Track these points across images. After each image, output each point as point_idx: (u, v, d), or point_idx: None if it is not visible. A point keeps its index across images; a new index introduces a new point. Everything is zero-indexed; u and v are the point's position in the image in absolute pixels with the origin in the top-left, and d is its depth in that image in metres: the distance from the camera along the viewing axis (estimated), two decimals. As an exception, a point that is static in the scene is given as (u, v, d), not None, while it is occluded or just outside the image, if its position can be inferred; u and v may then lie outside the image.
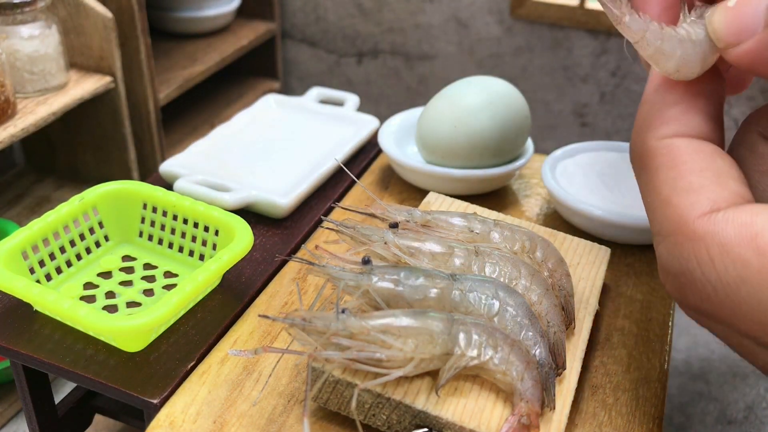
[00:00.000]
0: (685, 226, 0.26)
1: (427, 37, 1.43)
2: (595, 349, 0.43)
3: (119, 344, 0.41)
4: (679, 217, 0.26)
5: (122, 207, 0.50)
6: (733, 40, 0.27)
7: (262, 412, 0.37)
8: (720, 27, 0.27)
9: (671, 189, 0.27)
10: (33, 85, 0.91)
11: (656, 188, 0.27)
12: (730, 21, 0.27)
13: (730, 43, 0.27)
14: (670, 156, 0.27)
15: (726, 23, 0.27)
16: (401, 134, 0.59)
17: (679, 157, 0.27)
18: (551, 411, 0.34)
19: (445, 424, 0.33)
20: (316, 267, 0.36)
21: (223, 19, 1.37)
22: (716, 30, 0.27)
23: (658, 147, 0.28)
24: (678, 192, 0.26)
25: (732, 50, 0.27)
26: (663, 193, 0.27)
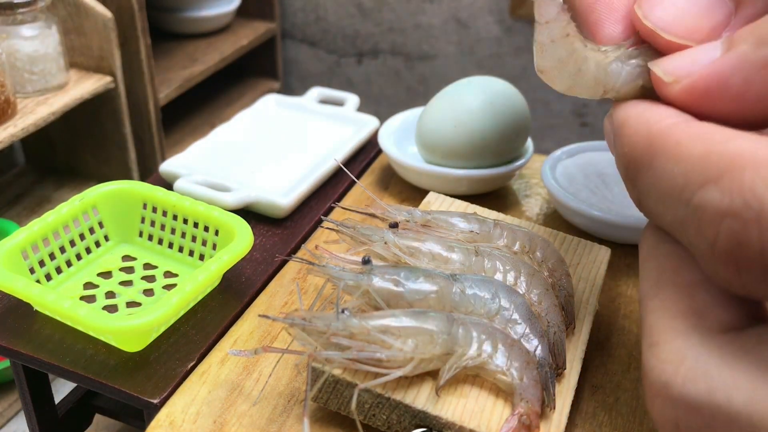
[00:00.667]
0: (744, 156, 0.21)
1: (427, 37, 1.44)
2: (595, 349, 0.43)
3: (119, 344, 0.41)
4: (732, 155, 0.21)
5: (122, 207, 0.50)
6: (683, 72, 0.24)
7: (262, 412, 0.37)
8: (667, 63, 0.24)
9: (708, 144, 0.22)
10: (33, 85, 0.91)
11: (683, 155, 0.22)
12: (680, 57, 0.24)
13: (680, 76, 0.23)
14: (694, 127, 0.23)
15: (676, 59, 0.24)
16: (401, 134, 0.59)
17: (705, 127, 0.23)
18: (551, 411, 0.34)
19: (445, 424, 0.33)
20: (316, 267, 0.36)
21: (223, 19, 1.37)
22: (663, 67, 0.24)
23: (674, 125, 0.23)
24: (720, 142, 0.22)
25: (681, 82, 0.23)
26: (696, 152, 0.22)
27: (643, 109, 0.25)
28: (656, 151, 0.23)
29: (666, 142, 0.22)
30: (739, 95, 0.22)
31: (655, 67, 0.25)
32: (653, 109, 0.24)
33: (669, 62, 0.24)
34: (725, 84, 0.22)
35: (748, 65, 0.22)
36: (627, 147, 0.24)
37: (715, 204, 0.20)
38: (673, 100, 0.24)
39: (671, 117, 0.23)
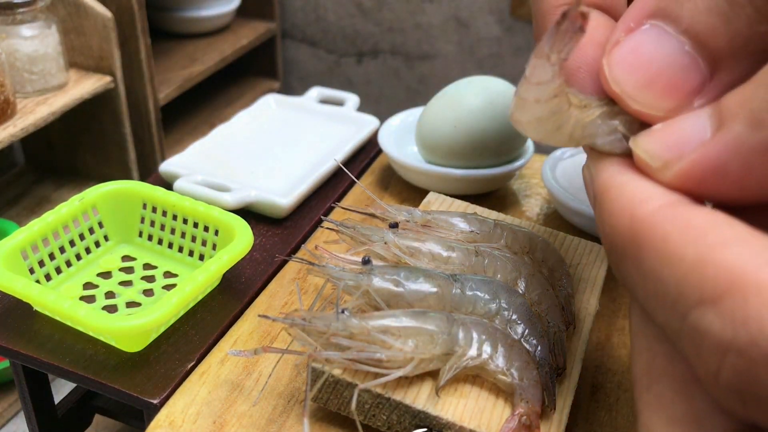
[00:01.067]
0: (746, 277, 0.18)
1: (427, 36, 1.44)
2: (595, 349, 0.43)
3: (119, 344, 0.41)
4: (732, 271, 0.18)
5: (122, 207, 0.50)
6: (674, 155, 0.21)
7: (262, 413, 0.37)
8: (652, 145, 0.22)
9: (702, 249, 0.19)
10: (33, 85, 0.91)
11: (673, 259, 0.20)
12: (664, 137, 0.21)
13: (669, 160, 0.21)
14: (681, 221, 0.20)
15: (660, 140, 0.22)
16: (401, 134, 0.59)
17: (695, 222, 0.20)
18: (551, 411, 0.34)
19: (445, 424, 0.33)
20: (316, 267, 0.36)
21: (222, 18, 1.37)
22: (648, 149, 0.22)
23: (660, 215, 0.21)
24: (715, 248, 0.19)
25: (672, 168, 0.21)
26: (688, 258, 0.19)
27: (625, 182, 0.22)
28: (641, 244, 0.20)
29: (652, 235, 0.20)
30: (739, 182, 0.20)
31: (637, 148, 0.22)
32: (636, 185, 0.22)
33: (653, 143, 0.22)
34: (722, 171, 0.20)
35: (745, 150, 0.19)
36: (608, 228, 0.22)
37: (716, 333, 0.18)
38: (664, 185, 0.21)
39: (656, 198, 0.21)
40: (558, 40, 0.23)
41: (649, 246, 0.20)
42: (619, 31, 0.23)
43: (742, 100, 0.20)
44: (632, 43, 0.23)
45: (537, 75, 0.24)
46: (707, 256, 0.19)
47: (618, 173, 0.23)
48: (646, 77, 0.22)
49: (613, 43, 0.23)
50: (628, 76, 0.23)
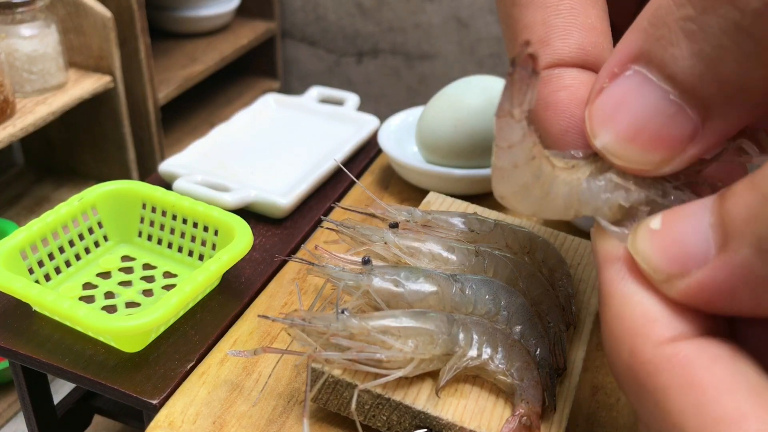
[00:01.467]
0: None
1: (427, 36, 1.43)
2: (596, 350, 0.43)
3: (118, 345, 0.41)
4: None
5: (121, 207, 0.50)
6: (676, 270, 0.20)
7: (261, 413, 0.37)
8: (653, 256, 0.20)
9: (698, 421, 0.18)
10: (32, 85, 0.91)
11: (671, 417, 0.19)
12: (665, 247, 0.20)
13: (673, 275, 0.20)
14: (680, 371, 0.19)
15: (660, 250, 0.20)
16: (401, 134, 0.59)
17: (695, 372, 0.19)
18: (552, 412, 0.34)
19: (445, 424, 0.33)
20: (315, 267, 0.36)
21: (222, 18, 1.37)
22: (649, 259, 0.20)
23: (659, 359, 0.19)
24: (710, 424, 0.18)
25: (676, 285, 0.20)
26: (686, 426, 0.18)
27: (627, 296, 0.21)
28: (641, 388, 0.19)
29: (651, 384, 0.19)
30: (749, 304, 0.19)
31: (636, 255, 0.21)
32: (638, 305, 0.20)
33: (654, 253, 0.20)
34: (730, 294, 0.19)
35: (754, 278, 0.18)
36: (608, 348, 0.21)
37: None
38: (669, 299, 0.20)
39: (662, 329, 0.20)
40: (516, 91, 0.21)
41: (648, 393, 0.19)
42: (603, 77, 0.22)
43: (748, 218, 0.18)
44: (614, 91, 0.21)
45: (506, 137, 0.22)
46: (707, 417, 0.18)
47: (622, 280, 0.21)
48: (629, 130, 0.21)
49: (597, 90, 0.22)
50: (609, 129, 0.21)
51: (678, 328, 0.20)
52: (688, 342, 0.19)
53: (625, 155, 0.21)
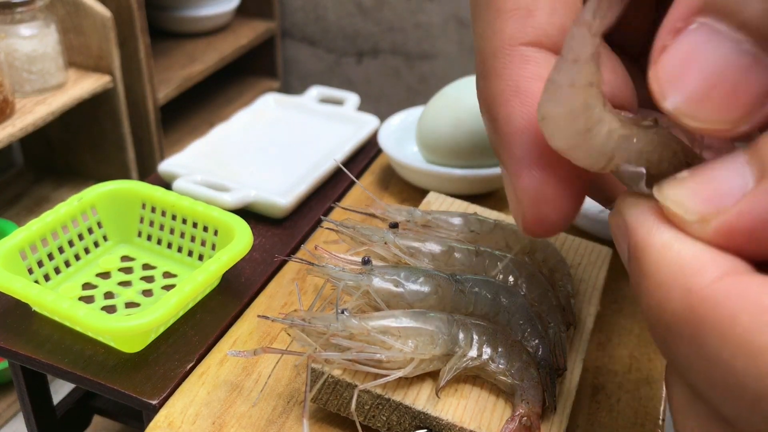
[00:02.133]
0: None
1: (427, 36, 1.43)
2: (596, 350, 0.43)
3: (118, 345, 0.41)
4: None
5: (121, 207, 0.50)
6: (712, 208, 0.19)
7: (261, 413, 0.37)
8: (685, 198, 0.19)
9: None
10: (31, 85, 0.90)
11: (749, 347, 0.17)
12: (697, 188, 0.19)
13: (708, 213, 0.19)
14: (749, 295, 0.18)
15: (693, 191, 0.19)
16: (401, 134, 0.59)
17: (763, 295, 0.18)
18: (552, 412, 0.34)
19: (445, 425, 0.33)
20: (315, 267, 0.36)
21: (222, 18, 1.37)
22: (680, 201, 0.19)
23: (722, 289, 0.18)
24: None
25: (712, 223, 0.19)
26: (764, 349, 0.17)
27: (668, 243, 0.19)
28: (701, 324, 0.18)
29: (717, 315, 0.18)
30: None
31: (665, 199, 0.20)
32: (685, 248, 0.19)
33: (685, 194, 0.19)
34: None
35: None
36: (654, 301, 0.19)
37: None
38: (704, 241, 0.19)
39: (713, 266, 0.18)
40: (603, 2, 0.20)
41: (713, 328, 0.18)
42: (665, 34, 0.20)
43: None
44: (680, 48, 0.20)
45: (575, 49, 0.21)
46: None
47: (658, 231, 0.20)
48: (702, 88, 0.19)
49: (659, 49, 0.20)
50: (679, 89, 0.20)
51: (728, 265, 0.19)
52: (744, 275, 0.18)
53: (699, 115, 0.20)
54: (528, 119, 0.22)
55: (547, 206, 0.22)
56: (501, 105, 0.23)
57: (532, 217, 0.22)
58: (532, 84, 0.22)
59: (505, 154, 0.23)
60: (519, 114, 0.22)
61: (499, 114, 0.23)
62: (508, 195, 0.23)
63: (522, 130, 0.22)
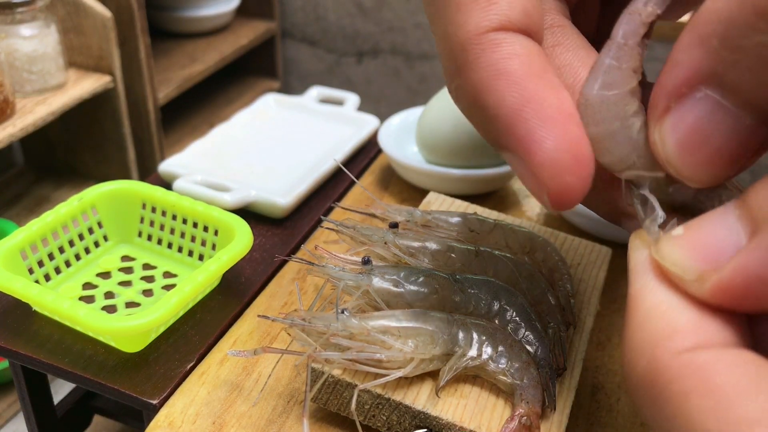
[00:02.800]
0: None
1: (427, 36, 1.43)
2: (596, 350, 0.43)
3: (118, 345, 0.41)
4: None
5: (121, 207, 0.50)
6: (709, 265, 0.19)
7: (261, 413, 0.37)
8: (682, 257, 0.20)
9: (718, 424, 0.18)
10: (32, 85, 0.91)
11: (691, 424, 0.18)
12: (693, 247, 0.20)
13: (705, 271, 0.19)
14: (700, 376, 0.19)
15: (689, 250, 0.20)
16: (401, 134, 0.59)
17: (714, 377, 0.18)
18: (552, 412, 0.34)
19: (445, 424, 0.33)
20: (315, 267, 0.36)
21: (222, 18, 1.37)
22: (679, 261, 0.20)
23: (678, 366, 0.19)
24: (731, 426, 0.18)
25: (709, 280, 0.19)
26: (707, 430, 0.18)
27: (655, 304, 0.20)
28: (660, 394, 0.19)
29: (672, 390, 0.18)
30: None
31: (664, 261, 0.21)
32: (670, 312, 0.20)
33: (682, 254, 0.20)
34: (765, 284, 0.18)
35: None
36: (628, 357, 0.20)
37: None
38: (703, 299, 0.20)
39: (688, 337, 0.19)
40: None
41: (668, 400, 0.19)
42: (668, 95, 0.21)
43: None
44: (687, 117, 0.20)
45: (626, 33, 0.21)
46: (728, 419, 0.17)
47: (652, 289, 0.21)
48: (709, 158, 0.20)
49: (663, 109, 0.21)
50: (689, 159, 0.21)
51: (700, 337, 0.19)
52: (709, 350, 0.19)
53: (698, 178, 0.21)
54: (519, 96, 0.22)
55: (567, 173, 0.22)
56: (488, 92, 0.22)
57: (556, 190, 0.22)
58: (511, 63, 0.22)
59: (508, 139, 0.23)
60: (509, 94, 0.22)
61: (488, 101, 0.22)
62: (523, 181, 0.23)
63: (518, 108, 0.22)
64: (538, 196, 0.23)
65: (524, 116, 0.22)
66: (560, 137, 0.22)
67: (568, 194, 0.22)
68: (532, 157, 0.22)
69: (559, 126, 0.22)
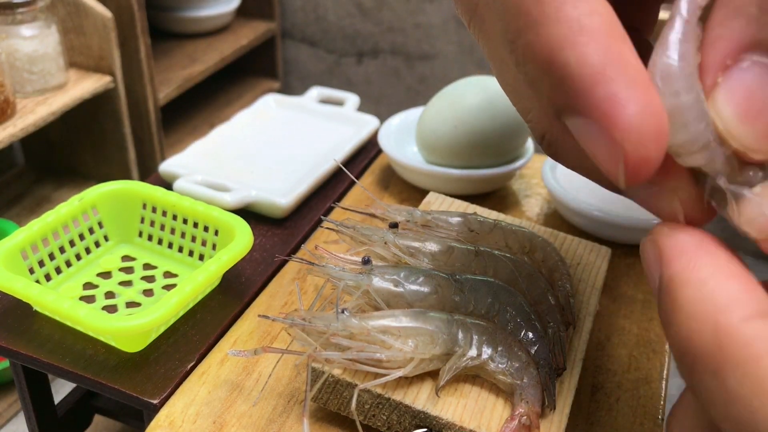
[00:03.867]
0: None
1: (427, 36, 1.43)
2: (595, 349, 0.43)
3: (119, 344, 0.41)
4: None
5: (122, 207, 0.50)
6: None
7: (261, 413, 0.37)
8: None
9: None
10: (32, 85, 0.91)
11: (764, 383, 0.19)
12: None
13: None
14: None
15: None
16: (401, 134, 0.59)
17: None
18: (551, 411, 0.34)
19: (445, 424, 0.33)
20: (316, 267, 0.36)
21: (222, 18, 1.37)
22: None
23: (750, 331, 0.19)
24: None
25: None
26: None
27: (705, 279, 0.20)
28: (726, 361, 0.19)
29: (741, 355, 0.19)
30: None
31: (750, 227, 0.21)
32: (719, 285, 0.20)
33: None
34: None
35: None
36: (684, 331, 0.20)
37: None
38: (745, 281, 0.20)
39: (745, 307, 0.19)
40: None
41: (736, 365, 0.19)
42: (713, 70, 0.21)
43: None
44: (738, 86, 0.20)
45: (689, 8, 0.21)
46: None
47: (696, 266, 0.21)
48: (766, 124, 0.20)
49: (710, 85, 0.21)
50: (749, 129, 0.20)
51: (758, 305, 0.19)
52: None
53: (763, 148, 0.21)
54: (604, 55, 0.21)
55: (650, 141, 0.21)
56: (569, 48, 0.21)
57: (636, 159, 0.21)
58: (594, 20, 0.21)
59: (586, 101, 0.21)
60: (593, 51, 0.21)
61: (568, 59, 0.21)
62: (593, 150, 0.22)
63: (602, 67, 0.21)
64: (611, 166, 0.21)
65: (609, 75, 0.20)
66: (645, 102, 0.20)
67: (646, 165, 0.21)
68: (613, 121, 0.20)
69: (643, 90, 0.20)
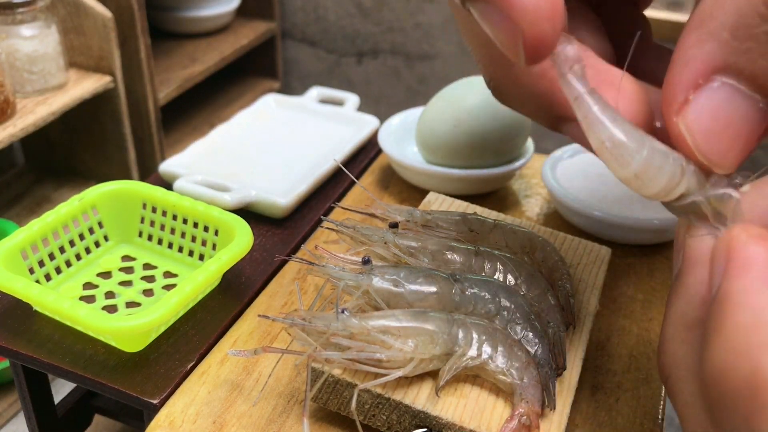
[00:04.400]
0: None
1: (427, 36, 1.44)
2: (595, 349, 0.43)
3: (119, 344, 0.41)
4: None
5: (122, 207, 0.50)
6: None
7: (261, 413, 0.37)
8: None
9: None
10: (32, 85, 0.91)
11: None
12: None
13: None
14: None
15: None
16: (401, 134, 0.59)
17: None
18: (551, 411, 0.34)
19: (445, 424, 0.33)
20: (316, 267, 0.36)
21: (222, 18, 1.37)
22: None
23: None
24: None
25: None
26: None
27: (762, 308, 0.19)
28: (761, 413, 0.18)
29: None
30: None
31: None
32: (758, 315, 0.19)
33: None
34: None
35: None
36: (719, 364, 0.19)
37: None
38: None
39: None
40: None
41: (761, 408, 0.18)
42: (684, 87, 0.22)
43: None
44: (706, 105, 0.22)
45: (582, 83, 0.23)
46: None
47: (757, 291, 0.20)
48: (731, 139, 0.22)
49: (682, 101, 0.22)
50: (715, 146, 0.22)
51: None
52: None
53: (727, 164, 0.22)
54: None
55: (545, 19, 0.22)
56: None
57: (533, 37, 0.22)
58: None
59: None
60: None
61: None
62: (495, 33, 0.23)
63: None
64: (511, 46, 0.22)
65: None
66: None
67: (543, 43, 0.22)
68: (510, 3, 0.22)
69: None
